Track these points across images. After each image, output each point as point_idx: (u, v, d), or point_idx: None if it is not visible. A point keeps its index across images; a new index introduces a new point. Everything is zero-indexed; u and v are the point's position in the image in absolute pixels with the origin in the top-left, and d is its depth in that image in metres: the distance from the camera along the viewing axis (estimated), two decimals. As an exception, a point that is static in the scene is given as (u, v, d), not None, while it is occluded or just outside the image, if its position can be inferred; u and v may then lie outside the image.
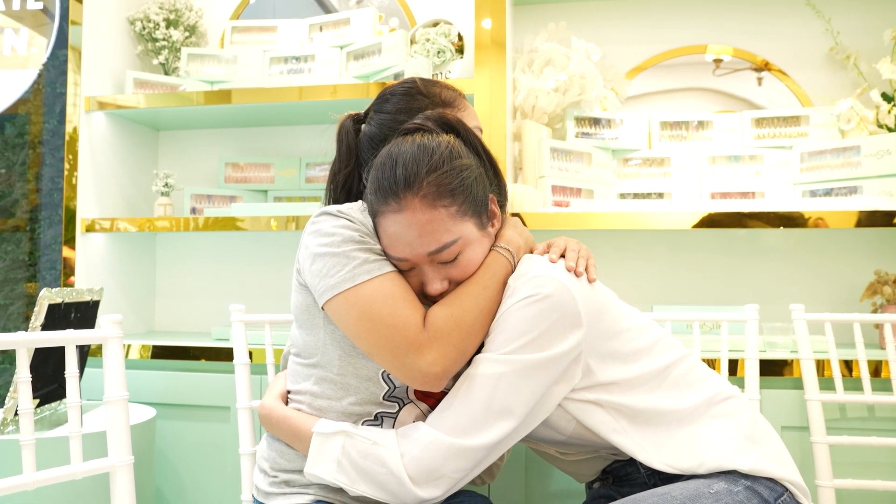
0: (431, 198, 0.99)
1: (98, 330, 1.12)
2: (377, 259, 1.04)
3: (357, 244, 1.04)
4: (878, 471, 1.53)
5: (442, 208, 1.00)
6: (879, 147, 1.77)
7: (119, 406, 1.09)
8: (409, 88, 1.19)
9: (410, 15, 2.24)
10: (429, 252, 1.01)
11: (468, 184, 1.02)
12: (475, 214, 1.04)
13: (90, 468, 1.04)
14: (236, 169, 2.28)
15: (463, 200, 1.02)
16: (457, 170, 1.02)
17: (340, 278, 1.02)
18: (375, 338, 1.01)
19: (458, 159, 1.03)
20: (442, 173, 1.00)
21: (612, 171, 2.02)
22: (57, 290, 1.52)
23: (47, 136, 2.43)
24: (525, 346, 0.97)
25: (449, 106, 1.18)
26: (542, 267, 1.03)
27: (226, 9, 2.39)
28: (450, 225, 1.00)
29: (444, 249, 1.01)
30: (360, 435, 1.00)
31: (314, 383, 1.09)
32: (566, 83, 1.94)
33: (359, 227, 1.06)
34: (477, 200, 1.04)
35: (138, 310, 2.27)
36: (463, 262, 1.03)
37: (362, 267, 1.02)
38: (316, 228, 1.08)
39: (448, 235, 1.00)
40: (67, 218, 2.03)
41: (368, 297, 1.01)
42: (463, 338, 1.01)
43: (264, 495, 1.11)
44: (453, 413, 0.98)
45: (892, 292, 1.77)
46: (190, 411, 1.87)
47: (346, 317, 1.03)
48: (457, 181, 1.01)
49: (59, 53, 2.44)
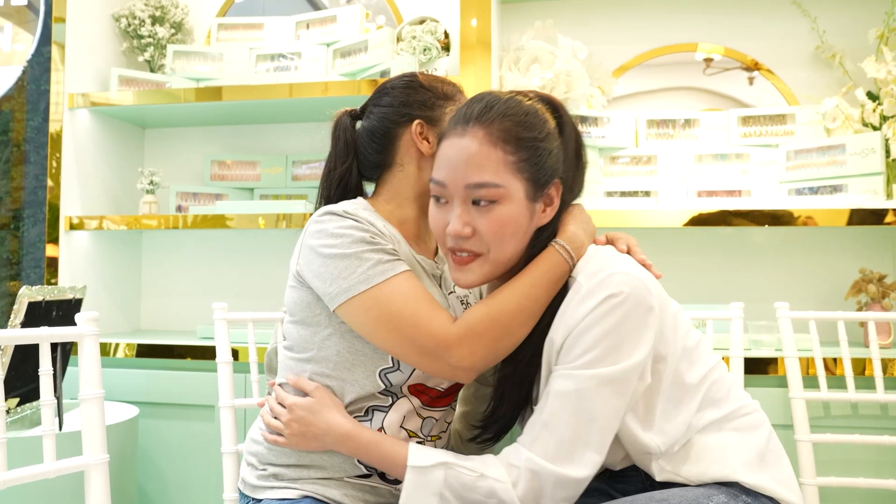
0: (496, 136, 0.96)
1: (73, 328, 1.11)
2: (391, 259, 1.02)
3: (368, 245, 1.02)
4: (861, 468, 1.53)
5: (501, 150, 0.96)
6: (864, 145, 1.77)
7: (94, 404, 1.08)
8: (409, 82, 1.17)
9: (397, 12, 2.24)
10: (467, 183, 0.96)
11: (539, 147, 0.98)
12: (531, 181, 0.98)
13: (63, 467, 1.03)
14: (222, 167, 2.27)
15: (525, 158, 0.97)
16: (534, 129, 0.98)
17: (354, 280, 1.01)
18: (398, 338, 1.00)
19: (542, 124, 0.99)
20: (518, 123, 0.97)
21: (598, 169, 2.02)
22: (37, 287, 1.51)
23: (31, 134, 2.42)
24: (609, 354, 0.92)
25: (450, 100, 1.16)
26: (617, 262, 0.97)
27: (212, 6, 2.37)
28: (500, 169, 0.96)
29: (482, 188, 0.96)
30: (463, 466, 0.96)
31: (308, 378, 1.09)
32: (552, 81, 1.94)
33: (367, 227, 1.04)
34: (540, 169, 0.98)
35: (123, 308, 2.25)
36: (494, 214, 0.97)
37: (377, 268, 1.01)
38: (321, 229, 1.05)
39: (493, 176, 0.96)
40: (51, 216, 2.01)
41: (386, 298, 1.00)
42: (497, 337, 0.99)
43: (252, 488, 1.10)
44: (552, 437, 0.93)
45: (877, 290, 1.78)
46: (174, 410, 1.86)
47: (364, 319, 1.01)
48: (528, 137, 0.97)
49: (44, 50, 2.43)
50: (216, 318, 1.44)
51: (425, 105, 1.14)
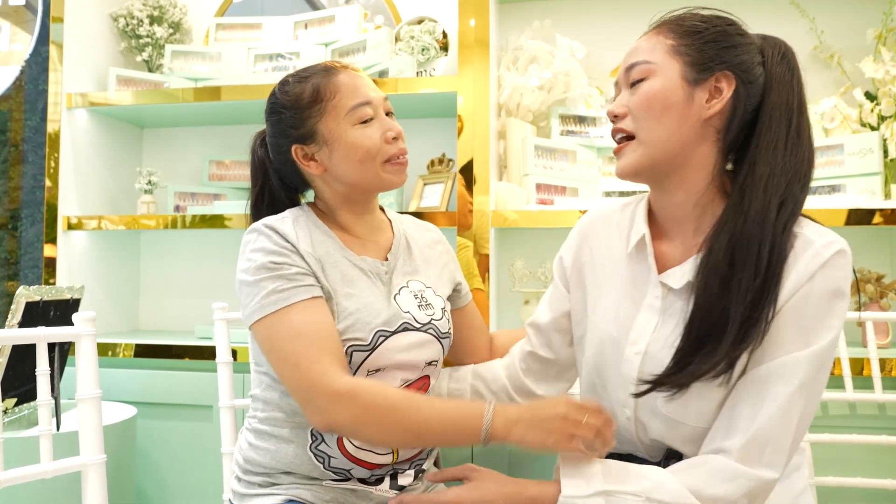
0: (664, 28, 0.97)
1: (71, 328, 1.11)
2: (289, 287, 1.02)
3: (267, 272, 1.03)
4: (859, 468, 1.53)
5: (663, 36, 0.96)
6: (862, 145, 1.77)
7: (91, 404, 1.08)
8: (272, 106, 1.15)
9: (395, 12, 2.24)
10: (625, 67, 0.98)
11: (705, 35, 0.95)
12: (690, 64, 0.95)
13: (60, 467, 1.03)
14: (220, 167, 2.27)
15: (687, 43, 0.95)
16: (708, 22, 0.96)
17: (251, 309, 1.04)
18: (281, 371, 1.02)
19: (725, 25, 0.97)
20: (694, 18, 0.97)
21: (596, 169, 2.02)
22: (35, 287, 1.51)
23: (29, 134, 2.42)
24: (829, 329, 0.89)
25: (317, 102, 1.11)
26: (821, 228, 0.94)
27: (210, 6, 2.37)
28: (657, 49, 0.96)
29: (634, 67, 0.97)
30: (623, 492, 0.89)
31: (264, 390, 1.12)
32: (551, 81, 1.94)
33: (275, 248, 1.05)
34: (704, 55, 0.94)
35: (121, 308, 2.25)
36: (642, 89, 0.95)
37: (270, 297, 1.02)
38: (242, 249, 1.09)
39: (645, 55, 0.96)
40: (49, 216, 2.01)
41: (276, 330, 1.01)
42: (367, 420, 0.97)
43: (239, 497, 1.12)
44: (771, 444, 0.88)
45: (875, 290, 1.78)
46: (172, 410, 1.86)
47: (261, 347, 1.05)
48: (697, 26, 0.96)
49: (42, 50, 2.43)
50: (216, 318, 1.44)
51: (293, 126, 1.12)
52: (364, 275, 1.12)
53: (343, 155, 1.11)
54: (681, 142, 0.95)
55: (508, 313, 2.04)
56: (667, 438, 0.99)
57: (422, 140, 2.13)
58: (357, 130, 1.10)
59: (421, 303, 1.16)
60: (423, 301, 1.16)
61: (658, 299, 1.00)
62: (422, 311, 1.14)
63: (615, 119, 0.99)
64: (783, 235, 0.90)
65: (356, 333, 1.06)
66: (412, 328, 1.12)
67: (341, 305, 1.07)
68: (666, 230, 1.03)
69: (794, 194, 0.93)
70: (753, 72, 0.96)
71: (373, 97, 1.12)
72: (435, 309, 1.17)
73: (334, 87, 1.11)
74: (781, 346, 0.89)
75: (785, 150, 0.94)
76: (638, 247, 1.04)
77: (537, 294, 1.90)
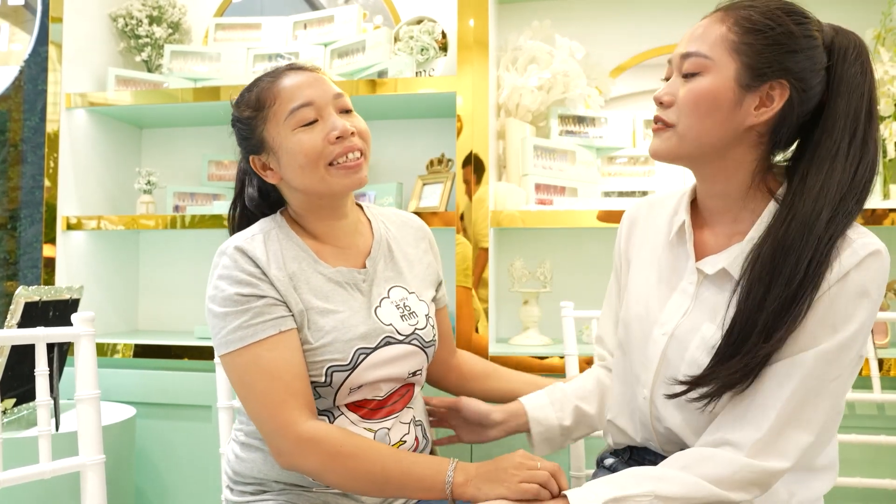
0: (729, 17, 0.93)
1: (70, 328, 1.11)
2: (254, 323, 1.01)
3: (235, 305, 1.02)
4: (858, 468, 1.53)
5: (725, 27, 0.92)
6: (861, 145, 1.77)
7: (90, 404, 1.08)
8: (232, 116, 1.15)
9: (395, 12, 2.24)
10: (681, 53, 0.95)
11: (770, 37, 0.90)
12: (747, 66, 0.91)
13: (59, 467, 1.03)
14: (220, 167, 2.27)
15: (749, 42, 0.91)
16: (775, 21, 0.91)
17: (218, 342, 1.03)
18: (248, 407, 1.03)
19: (792, 24, 0.91)
20: (760, 12, 0.91)
21: (595, 169, 2.02)
22: (34, 288, 1.51)
23: (28, 134, 2.42)
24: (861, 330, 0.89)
25: (261, 108, 1.10)
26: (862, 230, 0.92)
27: (209, 6, 2.37)
28: (716, 43, 0.92)
29: (690, 56, 0.93)
30: (631, 495, 0.87)
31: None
32: (550, 81, 1.94)
33: (245, 276, 1.03)
34: (763, 59, 0.90)
35: (120, 308, 2.25)
36: (693, 84, 0.93)
37: (235, 333, 1.01)
38: (211, 272, 1.07)
39: (704, 47, 0.92)
40: (48, 216, 2.01)
41: (243, 367, 1.01)
42: (331, 468, 0.99)
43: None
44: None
45: (874, 290, 1.78)
46: (171, 410, 1.86)
47: (228, 378, 1.05)
48: (763, 24, 0.90)
49: (41, 50, 2.43)
50: (213, 319, 1.44)
51: (245, 137, 1.12)
52: (340, 287, 1.09)
53: (287, 162, 1.07)
54: (716, 142, 0.94)
55: (507, 313, 2.04)
56: (679, 427, 0.99)
57: (421, 140, 2.13)
58: (296, 135, 1.05)
59: (404, 313, 1.13)
60: (406, 310, 1.13)
61: (692, 285, 1.00)
62: (405, 322, 1.12)
63: (660, 105, 0.97)
64: (827, 245, 0.88)
65: (335, 354, 1.04)
66: (394, 341, 1.10)
67: (318, 324, 1.05)
68: (707, 219, 1.04)
69: (847, 208, 0.90)
70: (812, 80, 0.92)
71: (316, 97, 1.06)
72: (419, 317, 1.14)
73: (275, 93, 1.08)
74: (804, 340, 0.89)
75: (846, 161, 0.90)
76: (679, 233, 1.05)
77: (536, 294, 1.90)
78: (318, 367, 1.04)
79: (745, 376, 0.89)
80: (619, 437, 1.12)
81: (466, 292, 1.75)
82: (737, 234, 0.98)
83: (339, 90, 1.10)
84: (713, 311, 0.96)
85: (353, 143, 1.06)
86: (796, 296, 0.87)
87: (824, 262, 0.87)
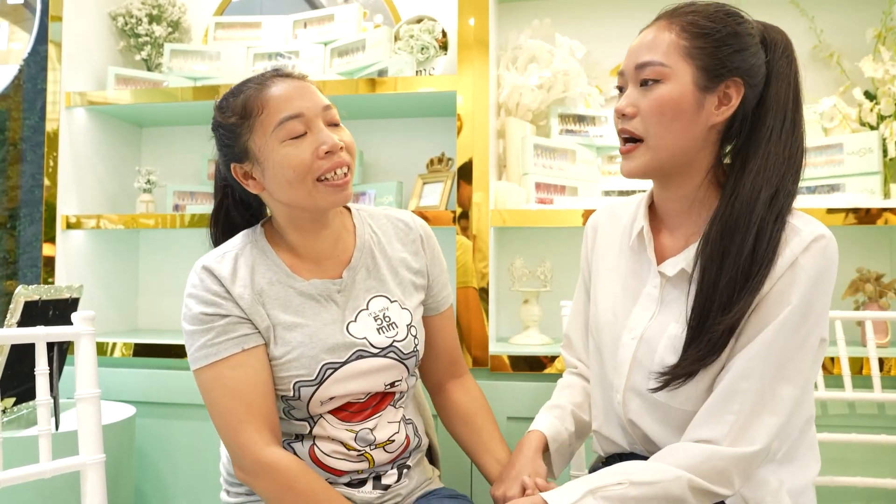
0: (675, 24, 0.96)
1: (70, 327, 1.11)
2: (217, 342, 1.02)
3: (200, 323, 1.03)
4: (858, 468, 1.53)
5: (675, 35, 0.95)
6: (862, 145, 1.77)
7: (90, 403, 1.08)
8: (213, 122, 1.11)
9: (395, 11, 2.23)
10: (636, 63, 0.97)
11: (719, 39, 0.94)
12: (703, 69, 0.94)
13: (59, 467, 1.03)
14: (220, 166, 2.27)
15: (700, 46, 0.94)
16: (720, 23, 0.95)
17: (189, 358, 1.05)
18: (214, 423, 1.05)
19: (734, 24, 0.95)
20: (704, 16, 0.95)
21: (596, 168, 2.02)
22: (34, 287, 1.51)
23: (28, 133, 2.41)
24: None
25: (247, 116, 1.05)
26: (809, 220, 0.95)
27: (209, 5, 2.37)
28: (669, 50, 0.95)
29: (646, 66, 0.96)
30: (606, 484, 0.89)
31: None
32: (550, 80, 1.94)
33: (209, 296, 1.03)
34: (716, 60, 0.94)
35: (120, 307, 2.25)
36: (655, 93, 0.95)
37: (200, 351, 1.03)
38: (186, 289, 1.08)
39: (659, 55, 0.95)
40: (48, 215, 2.01)
41: (208, 385, 1.04)
42: (294, 499, 1.00)
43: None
44: None
45: (874, 290, 1.78)
46: (171, 409, 1.86)
47: (199, 392, 1.06)
48: (710, 27, 0.94)
49: (40, 49, 2.42)
50: (213, 318, 1.44)
51: (228, 144, 1.08)
52: (312, 300, 1.08)
53: (273, 175, 1.04)
54: (687, 147, 0.97)
55: (508, 313, 2.04)
56: (650, 428, 1.01)
57: (421, 139, 2.13)
58: (284, 148, 1.02)
59: (382, 325, 1.11)
60: (385, 322, 1.11)
61: (656, 289, 1.03)
62: (381, 335, 1.10)
63: (623, 118, 0.99)
64: (775, 224, 0.92)
65: (300, 370, 1.04)
66: (368, 354, 1.08)
67: (285, 339, 1.05)
68: (666, 222, 1.06)
69: (786, 186, 0.95)
70: (759, 74, 0.97)
71: (305, 109, 1.03)
72: (398, 328, 1.12)
73: (263, 101, 1.04)
74: (762, 324, 0.92)
75: (780, 143, 0.96)
76: (639, 239, 1.07)
77: (536, 293, 1.90)
78: (286, 382, 1.05)
79: (711, 351, 0.92)
80: (608, 447, 1.12)
81: (466, 292, 1.75)
82: (694, 234, 1.01)
83: (327, 102, 1.07)
84: (678, 311, 0.99)
85: (341, 159, 1.04)
86: (750, 271, 0.91)
87: (773, 239, 0.91)
